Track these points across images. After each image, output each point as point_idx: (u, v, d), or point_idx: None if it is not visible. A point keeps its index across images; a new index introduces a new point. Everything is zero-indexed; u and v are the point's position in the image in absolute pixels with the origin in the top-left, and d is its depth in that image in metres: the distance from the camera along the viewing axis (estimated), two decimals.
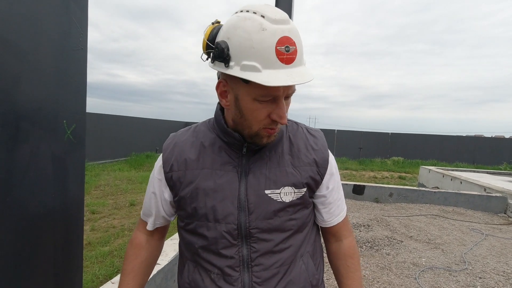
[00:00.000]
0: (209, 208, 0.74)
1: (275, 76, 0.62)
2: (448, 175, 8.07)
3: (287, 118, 0.85)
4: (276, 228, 0.75)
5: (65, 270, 0.83)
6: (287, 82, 0.62)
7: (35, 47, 0.71)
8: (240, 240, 0.74)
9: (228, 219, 0.74)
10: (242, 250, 0.74)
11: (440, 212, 5.31)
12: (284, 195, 0.75)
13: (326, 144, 0.84)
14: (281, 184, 0.75)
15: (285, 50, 0.62)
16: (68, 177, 0.83)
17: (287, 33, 0.63)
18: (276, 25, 0.63)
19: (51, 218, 0.78)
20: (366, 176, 12.35)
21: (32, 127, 0.71)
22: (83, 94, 0.86)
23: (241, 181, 0.75)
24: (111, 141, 12.84)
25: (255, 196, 0.74)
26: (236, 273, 0.75)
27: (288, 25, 0.64)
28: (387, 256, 3.44)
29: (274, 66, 0.63)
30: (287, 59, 0.63)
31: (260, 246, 0.74)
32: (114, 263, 4.02)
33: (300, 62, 0.65)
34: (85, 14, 0.83)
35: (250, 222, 0.74)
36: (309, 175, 0.78)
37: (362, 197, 6.03)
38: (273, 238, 0.75)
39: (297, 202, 0.77)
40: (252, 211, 0.74)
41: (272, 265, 0.75)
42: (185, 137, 0.82)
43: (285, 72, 0.63)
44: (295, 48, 0.64)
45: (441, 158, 17.29)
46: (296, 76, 0.63)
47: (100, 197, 7.17)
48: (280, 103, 0.68)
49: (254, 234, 0.74)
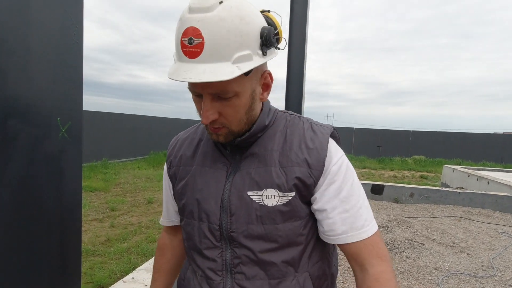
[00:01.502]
0: (195, 206, 0.72)
1: (176, 69, 0.59)
2: (474, 175, 7.69)
3: (291, 112, 0.77)
4: (259, 236, 0.67)
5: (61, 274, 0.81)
6: (178, 77, 0.57)
7: (24, 41, 0.68)
8: (224, 242, 0.70)
9: (210, 219, 0.70)
10: (226, 253, 0.70)
11: (465, 214, 5.04)
12: (266, 198, 0.67)
13: (326, 142, 0.69)
14: (263, 186, 0.67)
15: (188, 43, 0.56)
16: (64, 177, 0.80)
17: (195, 23, 0.56)
18: (189, 14, 0.57)
19: (46, 220, 0.76)
20: (386, 176, 12.01)
21: (22, 125, 0.69)
22: (79, 90, 0.83)
23: (227, 180, 0.70)
24: (131, 140, 13.17)
25: (237, 197, 0.68)
26: (218, 278, 0.70)
27: (201, 14, 0.56)
28: (407, 259, 3.29)
29: (181, 59, 0.59)
30: (189, 52, 0.57)
31: (242, 252, 0.68)
32: (131, 260, 4.09)
33: (209, 58, 0.57)
34: (80, 7, 0.80)
35: (231, 225, 0.68)
36: (296, 176, 0.66)
37: (381, 197, 5.84)
38: (254, 247, 0.67)
39: (284, 209, 0.67)
40: (233, 213, 0.68)
41: (255, 276, 0.68)
42: (188, 134, 0.83)
43: (185, 67, 0.58)
44: (201, 41, 0.56)
45: (466, 157, 16.55)
46: (192, 73, 0.56)
47: (120, 194, 7.35)
48: (203, 101, 0.62)
49: (236, 238, 0.68)
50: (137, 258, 4.20)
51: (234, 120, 0.65)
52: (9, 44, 0.65)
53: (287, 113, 0.77)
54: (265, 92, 0.70)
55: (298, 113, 0.78)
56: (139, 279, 2.03)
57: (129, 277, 2.05)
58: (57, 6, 0.76)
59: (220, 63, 0.57)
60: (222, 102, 0.63)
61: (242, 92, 0.63)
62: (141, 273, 2.11)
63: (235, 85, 0.61)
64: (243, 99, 0.64)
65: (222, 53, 0.57)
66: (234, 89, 0.61)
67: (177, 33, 0.59)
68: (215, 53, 0.57)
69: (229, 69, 0.57)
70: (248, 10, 0.60)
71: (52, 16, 0.75)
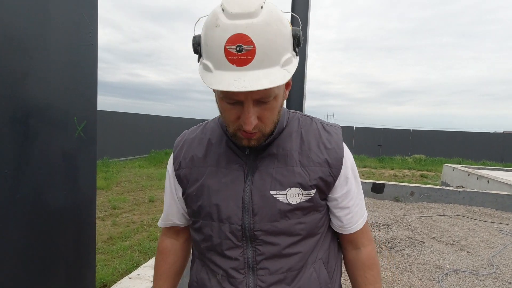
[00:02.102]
0: (213, 207, 0.72)
1: (220, 78, 0.56)
2: (474, 174, 7.71)
3: (302, 113, 0.81)
4: (283, 231, 0.70)
5: (76, 268, 0.84)
6: (229, 87, 0.55)
7: (43, 43, 0.70)
8: (245, 241, 0.71)
9: (231, 220, 0.71)
10: (247, 252, 0.71)
11: (466, 213, 5.07)
12: (290, 196, 0.70)
13: (341, 142, 0.75)
14: (287, 185, 0.70)
15: (236, 50, 0.54)
16: (79, 174, 0.83)
17: (242, 29, 0.54)
18: (231, 21, 0.55)
19: (62, 216, 0.78)
20: (386, 174, 12.03)
21: (42, 124, 0.71)
22: (93, 91, 0.85)
23: (246, 181, 0.71)
24: (132, 138, 13.19)
25: (260, 197, 0.70)
26: (241, 276, 0.72)
27: (248, 20, 0.54)
28: (408, 257, 3.32)
29: (224, 67, 0.56)
30: (238, 60, 0.55)
31: (266, 249, 0.70)
32: (134, 258, 4.12)
33: (261, 64, 0.56)
34: (95, 9, 0.82)
35: (254, 224, 0.70)
36: (319, 176, 0.71)
37: (382, 195, 5.86)
38: (279, 242, 0.70)
39: (306, 205, 0.71)
40: (256, 213, 0.70)
41: (278, 270, 0.71)
42: (195, 134, 0.81)
43: (233, 75, 0.55)
44: (252, 47, 0.54)
45: (467, 156, 16.56)
46: (246, 82, 0.55)
47: (121, 193, 7.37)
48: (245, 108, 0.61)
49: (259, 237, 0.70)
50: (139, 256, 4.23)
51: (269, 123, 0.66)
52: (30, 47, 0.67)
53: (298, 114, 0.80)
54: (287, 90, 0.71)
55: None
56: (144, 275, 2.05)
57: (135, 273, 2.08)
58: (73, 9, 0.78)
59: (271, 68, 0.57)
60: (261, 106, 0.63)
61: (279, 94, 0.65)
62: (146, 270, 2.14)
63: (276, 88, 0.61)
64: (279, 100, 0.65)
65: (272, 58, 0.57)
66: (275, 92, 0.62)
67: (217, 41, 0.56)
68: (266, 58, 0.56)
69: (280, 73, 0.57)
70: (281, 13, 0.60)
71: (68, 18, 0.77)
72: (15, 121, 0.65)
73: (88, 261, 0.88)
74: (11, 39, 0.64)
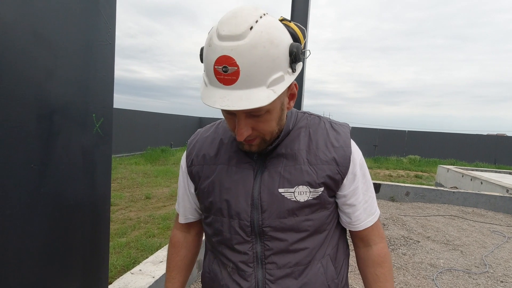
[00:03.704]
0: (224, 204, 0.75)
1: (211, 94, 0.60)
2: (468, 175, 7.83)
3: (311, 112, 0.83)
4: (291, 228, 0.73)
5: (92, 260, 0.86)
6: (215, 104, 0.59)
7: (67, 42, 0.72)
8: (254, 236, 0.74)
9: (241, 216, 0.74)
10: (256, 246, 0.74)
11: (459, 213, 5.16)
12: (298, 194, 0.72)
13: (349, 141, 0.76)
14: (295, 183, 0.72)
15: (223, 71, 0.58)
16: (96, 170, 0.85)
17: (228, 51, 0.57)
18: (220, 42, 0.57)
19: (80, 209, 0.80)
20: (381, 174, 12.14)
21: (64, 121, 0.73)
22: (110, 88, 0.87)
23: (255, 179, 0.74)
24: (128, 135, 13.10)
25: (268, 194, 0.72)
26: (250, 269, 0.74)
27: (234, 43, 0.57)
28: (403, 256, 3.38)
29: (214, 84, 0.60)
30: (225, 79, 0.58)
31: (274, 244, 0.73)
32: (131, 254, 4.12)
33: (245, 84, 0.58)
34: (113, 9, 0.84)
35: (263, 220, 0.73)
36: (327, 174, 0.73)
37: (378, 195, 5.93)
38: (287, 238, 0.73)
39: (314, 202, 0.73)
40: (265, 210, 0.72)
41: (286, 265, 0.74)
42: (208, 133, 0.84)
43: (220, 93, 0.59)
44: (236, 69, 0.57)
45: (460, 157, 16.76)
46: (229, 101, 0.58)
47: (117, 189, 7.34)
48: (238, 120, 0.65)
49: (268, 233, 0.73)
50: (136, 253, 4.23)
51: (266, 132, 0.69)
52: (56, 46, 0.69)
53: (307, 114, 0.82)
54: (291, 101, 0.73)
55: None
56: (146, 271, 2.08)
57: (137, 269, 2.10)
58: (93, 8, 0.80)
59: (256, 88, 0.59)
60: (254, 119, 0.66)
61: (274, 108, 0.66)
62: (148, 266, 2.16)
63: (268, 104, 0.62)
64: (274, 114, 0.67)
65: (257, 79, 0.59)
66: (266, 107, 0.64)
67: (209, 60, 0.59)
68: (250, 79, 0.58)
69: (265, 93, 0.59)
70: (276, 31, 0.61)
71: (89, 18, 0.79)
72: (41, 117, 0.67)
73: (103, 253, 0.90)
74: (40, 38, 0.65)
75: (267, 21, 0.60)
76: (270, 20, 0.61)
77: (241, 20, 0.58)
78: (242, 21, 0.58)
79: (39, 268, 0.71)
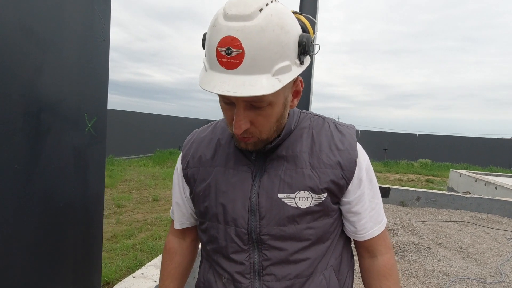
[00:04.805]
0: (220, 209, 0.70)
1: (210, 78, 0.55)
2: (481, 180, 7.60)
3: (314, 113, 0.79)
4: (291, 236, 0.67)
5: (84, 264, 0.83)
6: (214, 89, 0.54)
7: (58, 37, 0.70)
8: (251, 245, 0.69)
9: (237, 222, 0.68)
10: (254, 256, 0.69)
11: (473, 219, 5.00)
12: (299, 200, 0.66)
13: (355, 143, 0.71)
14: (296, 188, 0.67)
15: (226, 53, 0.52)
16: (89, 170, 0.82)
17: (233, 32, 0.52)
18: (226, 22, 0.53)
19: (71, 211, 0.78)
20: (391, 179, 11.93)
21: (53, 119, 0.71)
22: (104, 87, 0.85)
23: (254, 182, 0.69)
24: (136, 137, 13.26)
25: (267, 199, 0.67)
26: (247, 280, 0.69)
27: (241, 23, 0.52)
28: (414, 263, 3.27)
29: (215, 68, 0.55)
30: (227, 63, 0.53)
31: (272, 254, 0.68)
32: (137, 256, 4.13)
33: (249, 69, 0.53)
34: (108, 6, 0.82)
35: (261, 228, 0.67)
36: (330, 179, 0.67)
37: (387, 200, 5.80)
38: (287, 247, 0.67)
39: (316, 209, 0.68)
40: (263, 216, 0.67)
41: (285, 276, 0.68)
42: (205, 133, 0.80)
43: (220, 78, 0.54)
44: (241, 52, 0.52)
45: (473, 162, 16.37)
46: (230, 86, 0.53)
47: (126, 191, 7.40)
48: (236, 110, 0.59)
49: (266, 241, 0.67)
50: (142, 255, 4.23)
51: (264, 129, 0.63)
52: (45, 41, 0.67)
53: (310, 114, 0.77)
54: (295, 99, 0.68)
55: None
56: (148, 274, 2.05)
57: (139, 272, 2.07)
58: (87, 3, 0.78)
59: (260, 75, 0.54)
60: (255, 111, 0.60)
61: (276, 102, 0.61)
62: (150, 269, 2.13)
63: (271, 95, 0.58)
64: (276, 108, 0.62)
65: (263, 65, 0.54)
66: (269, 99, 0.59)
67: (211, 41, 0.55)
68: (255, 65, 0.53)
69: (269, 82, 0.54)
70: (286, 17, 0.56)
71: (82, 13, 0.77)
72: (28, 115, 0.65)
73: (95, 257, 0.87)
74: (27, 32, 0.63)
75: (278, 6, 0.56)
76: (281, 7, 0.57)
77: (251, 1, 0.53)
78: (252, 2, 0.53)
79: (27, 273, 0.68)
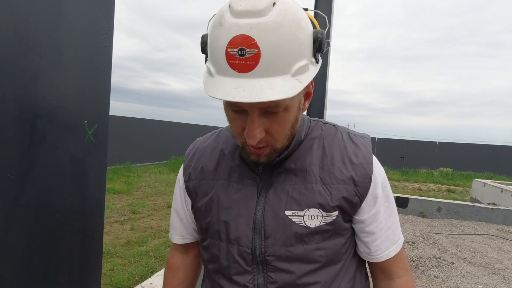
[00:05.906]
0: (222, 226, 0.65)
1: (220, 85, 0.49)
2: (508, 190, 7.20)
3: (324, 121, 0.73)
4: (299, 258, 0.61)
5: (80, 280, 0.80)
6: (227, 96, 0.48)
7: (54, 42, 0.68)
8: (255, 266, 0.63)
9: (241, 241, 0.63)
10: (258, 278, 0.63)
11: (499, 232, 4.71)
12: (308, 218, 0.61)
13: (370, 156, 0.65)
14: (305, 205, 0.61)
15: (239, 54, 0.47)
16: (88, 180, 0.80)
17: (246, 30, 0.46)
18: (235, 19, 0.47)
19: (68, 223, 0.75)
20: (410, 188, 11.54)
21: (50, 126, 0.69)
22: (107, 94, 0.83)
23: (259, 198, 0.63)
24: (153, 144, 13.52)
25: (273, 217, 0.61)
26: None
27: (254, 19, 0.46)
28: (436, 279, 3.09)
29: (225, 73, 0.49)
30: (240, 65, 0.47)
31: (279, 277, 0.62)
32: (150, 264, 4.13)
33: (266, 71, 0.48)
34: (111, 10, 0.81)
35: (266, 248, 0.61)
36: (343, 195, 0.62)
37: (406, 210, 5.58)
38: (294, 270, 0.61)
39: (327, 228, 0.62)
40: (268, 235, 0.61)
41: None
42: (207, 142, 0.75)
43: (233, 83, 0.48)
44: (257, 51, 0.46)
45: (498, 171, 15.62)
46: (246, 91, 0.47)
47: (141, 198, 7.50)
48: (250, 118, 0.53)
49: (271, 262, 0.62)
50: (155, 262, 4.23)
51: (280, 138, 0.58)
52: (41, 46, 0.65)
53: (321, 122, 0.71)
54: (306, 101, 0.62)
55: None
56: (157, 284, 2.01)
57: (147, 282, 2.05)
58: (88, 8, 0.77)
59: (279, 77, 0.49)
60: (269, 118, 0.55)
61: (292, 105, 0.56)
62: (159, 279, 2.10)
63: (288, 98, 0.52)
64: (292, 113, 0.56)
65: (281, 65, 0.49)
66: (285, 103, 0.53)
67: (218, 42, 0.49)
68: (273, 66, 0.48)
69: (289, 84, 0.49)
70: (300, 13, 0.52)
71: (83, 18, 0.75)
72: (22, 122, 0.63)
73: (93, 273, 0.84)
74: (22, 37, 0.62)
75: (289, 0, 0.51)
76: (292, 1, 0.52)
77: None
78: None
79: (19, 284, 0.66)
